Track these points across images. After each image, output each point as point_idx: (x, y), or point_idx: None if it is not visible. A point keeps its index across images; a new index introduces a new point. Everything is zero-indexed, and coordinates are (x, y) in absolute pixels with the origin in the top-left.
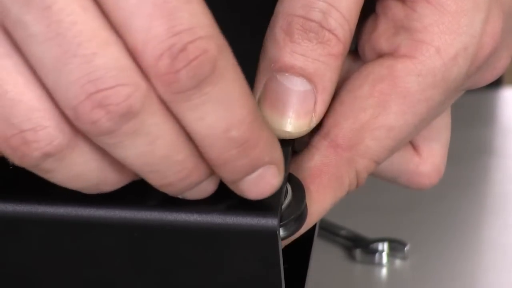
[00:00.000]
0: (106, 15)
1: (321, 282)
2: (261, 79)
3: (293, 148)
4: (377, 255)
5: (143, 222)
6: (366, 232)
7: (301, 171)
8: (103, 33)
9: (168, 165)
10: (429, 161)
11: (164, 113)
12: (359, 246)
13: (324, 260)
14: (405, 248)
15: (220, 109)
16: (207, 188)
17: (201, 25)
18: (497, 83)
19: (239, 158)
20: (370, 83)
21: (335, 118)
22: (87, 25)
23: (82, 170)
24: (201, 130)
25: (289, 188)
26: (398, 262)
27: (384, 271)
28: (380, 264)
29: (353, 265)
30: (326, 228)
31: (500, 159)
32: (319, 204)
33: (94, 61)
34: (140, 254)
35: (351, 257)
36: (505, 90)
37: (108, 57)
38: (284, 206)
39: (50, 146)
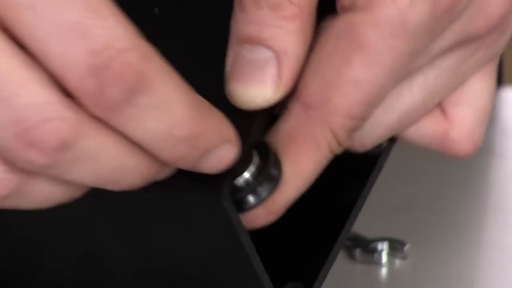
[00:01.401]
0: (24, 48)
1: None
2: (228, 55)
3: (273, 114)
4: (376, 254)
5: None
6: (365, 232)
7: (278, 135)
8: (22, 70)
9: (123, 173)
10: (458, 127)
11: (102, 130)
12: (359, 246)
13: None
14: (405, 248)
15: (157, 113)
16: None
17: (119, 38)
18: (497, 83)
19: (190, 152)
20: (332, 39)
21: (304, 78)
22: (3, 66)
23: (46, 197)
24: (143, 136)
25: (256, 155)
26: (398, 262)
27: (384, 271)
28: (379, 264)
29: (353, 264)
30: None
31: (501, 159)
32: (297, 167)
33: (15, 103)
34: (119, 226)
35: (351, 256)
36: (506, 90)
37: (29, 96)
38: (249, 174)
39: (4, 187)
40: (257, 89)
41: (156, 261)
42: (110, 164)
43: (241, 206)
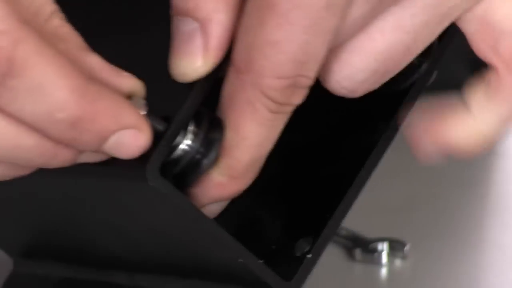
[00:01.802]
0: None
1: (321, 282)
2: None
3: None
4: (377, 255)
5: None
6: (366, 232)
7: (220, 101)
8: None
9: (23, 153)
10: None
11: None
12: (359, 246)
13: (323, 260)
14: (405, 248)
15: (35, 97)
16: (96, 156)
17: None
18: None
19: (81, 135)
20: (249, 1)
21: (234, 43)
22: None
23: None
24: (27, 119)
25: (192, 127)
26: (398, 262)
27: (384, 271)
28: (380, 264)
29: (353, 265)
30: None
31: (501, 159)
32: (239, 131)
33: None
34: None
35: (351, 257)
36: None
37: None
38: (187, 144)
39: None
40: (186, 61)
41: (141, 243)
42: (6, 144)
43: (187, 178)
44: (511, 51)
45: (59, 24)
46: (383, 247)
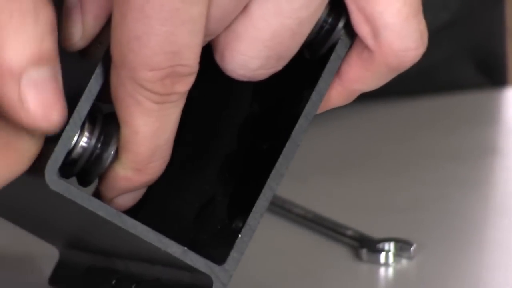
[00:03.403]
0: None
1: (327, 281)
2: None
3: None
4: (383, 255)
5: None
6: (372, 232)
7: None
8: None
9: None
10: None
11: None
12: (365, 246)
13: (330, 260)
14: (411, 248)
15: None
16: None
17: None
18: (501, 83)
19: None
20: None
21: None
22: None
23: None
24: None
25: (87, 124)
26: (404, 262)
27: (390, 271)
28: (386, 264)
29: (359, 265)
30: (332, 228)
31: (505, 159)
32: (129, 125)
33: None
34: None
35: (357, 257)
36: (510, 90)
37: None
38: (81, 143)
39: None
40: (67, 32)
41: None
42: None
43: (91, 175)
44: (389, 44)
45: None
46: (389, 247)
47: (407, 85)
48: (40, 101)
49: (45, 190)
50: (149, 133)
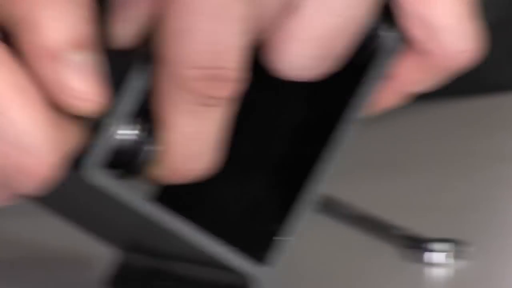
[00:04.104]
0: None
1: (374, 282)
2: None
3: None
4: (431, 254)
5: None
6: (420, 231)
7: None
8: None
9: None
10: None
11: None
12: (413, 246)
13: (377, 260)
14: (467, 249)
15: None
16: None
17: None
18: None
19: None
20: None
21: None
22: None
23: None
24: None
25: (133, 120)
26: (459, 263)
27: (438, 271)
28: (434, 264)
29: (407, 264)
30: (380, 227)
31: None
32: (164, 125)
33: None
34: None
35: (405, 256)
36: None
37: None
38: (125, 137)
39: None
40: (118, 26)
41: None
42: None
43: (130, 171)
44: (447, 45)
45: None
46: (439, 247)
47: (456, 85)
48: (82, 83)
49: (88, 185)
50: (186, 134)
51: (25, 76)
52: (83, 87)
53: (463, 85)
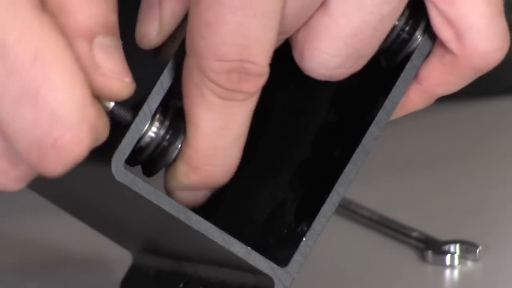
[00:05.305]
0: None
1: (392, 283)
2: None
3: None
4: (449, 256)
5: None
6: (437, 233)
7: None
8: None
9: None
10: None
11: None
12: (430, 248)
13: (395, 262)
14: (477, 250)
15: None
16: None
17: None
18: None
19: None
20: None
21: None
22: None
23: None
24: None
25: (159, 116)
26: (470, 264)
27: (455, 273)
28: (452, 266)
29: (425, 266)
30: (398, 229)
31: None
32: (189, 118)
33: None
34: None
35: (423, 258)
36: None
37: None
38: (151, 134)
39: None
40: (144, 28)
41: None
42: None
43: (155, 167)
44: (475, 45)
45: None
46: (455, 249)
47: (475, 87)
48: (113, 64)
49: (113, 183)
50: (210, 129)
51: (71, 53)
52: (114, 66)
53: (483, 86)
